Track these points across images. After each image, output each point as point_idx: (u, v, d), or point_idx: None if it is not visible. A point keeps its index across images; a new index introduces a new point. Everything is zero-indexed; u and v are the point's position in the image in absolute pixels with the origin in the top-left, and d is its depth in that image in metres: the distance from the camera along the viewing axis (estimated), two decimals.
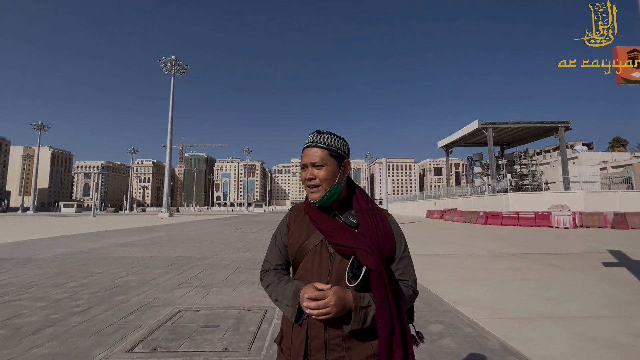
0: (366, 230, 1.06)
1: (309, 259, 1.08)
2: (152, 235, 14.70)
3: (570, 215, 18.77)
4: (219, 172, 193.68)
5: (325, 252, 1.07)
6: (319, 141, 1.10)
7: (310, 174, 1.08)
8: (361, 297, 0.98)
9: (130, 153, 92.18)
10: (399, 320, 0.97)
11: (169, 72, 45.29)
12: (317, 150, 1.09)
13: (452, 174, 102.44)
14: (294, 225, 1.16)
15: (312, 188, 1.09)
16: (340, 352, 1.00)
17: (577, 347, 2.98)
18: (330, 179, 1.08)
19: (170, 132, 44.43)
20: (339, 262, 1.04)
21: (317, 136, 1.12)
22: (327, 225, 1.07)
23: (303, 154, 1.12)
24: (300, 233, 1.13)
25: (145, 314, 3.93)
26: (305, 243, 1.10)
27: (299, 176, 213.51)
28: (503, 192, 25.71)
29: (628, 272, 6.28)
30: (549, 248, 9.99)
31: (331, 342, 1.01)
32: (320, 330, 1.02)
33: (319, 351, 1.01)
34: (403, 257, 1.11)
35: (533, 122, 31.13)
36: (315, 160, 1.08)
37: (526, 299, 4.53)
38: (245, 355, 2.82)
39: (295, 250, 1.12)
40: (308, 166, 1.09)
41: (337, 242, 1.03)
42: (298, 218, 1.17)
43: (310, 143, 1.11)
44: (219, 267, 7.06)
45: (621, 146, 74.17)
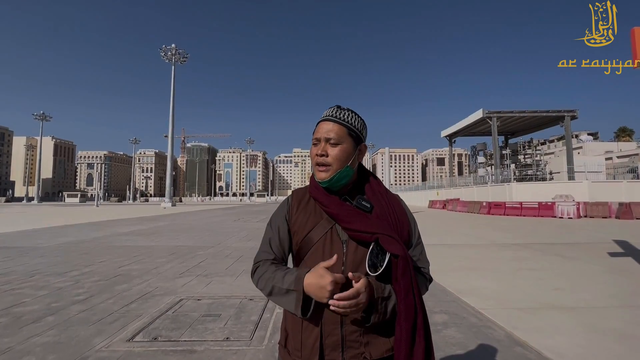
0: (381, 214, 0.97)
1: (317, 248, 0.97)
2: (154, 225, 14.75)
3: (575, 205, 18.61)
4: (221, 162, 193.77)
5: (336, 239, 0.96)
6: (338, 116, 0.99)
7: (323, 149, 0.97)
8: (382, 287, 0.89)
9: (132, 143, 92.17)
10: (422, 310, 0.89)
11: (169, 61, 44.83)
12: (335, 125, 0.98)
13: (454, 164, 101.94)
14: (299, 211, 1.03)
15: (321, 166, 0.97)
16: (359, 348, 0.91)
17: (585, 338, 2.92)
18: (344, 160, 0.97)
19: (171, 122, 44.25)
20: (354, 250, 0.94)
21: (337, 111, 1.00)
22: (340, 209, 0.96)
23: (317, 128, 1.01)
24: (307, 219, 1.00)
25: (147, 303, 3.90)
26: (313, 230, 0.98)
27: (300, 166, 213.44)
28: (506, 182, 25.52)
29: (634, 263, 6.19)
30: (553, 238, 9.91)
31: (348, 339, 0.91)
32: (336, 326, 0.91)
33: (335, 349, 0.91)
34: (418, 244, 1.04)
35: (539, 111, 30.63)
36: (331, 136, 0.97)
37: (532, 289, 4.46)
38: (246, 345, 2.78)
39: (301, 238, 0.99)
40: (321, 141, 0.98)
41: (355, 228, 0.93)
42: (302, 202, 1.05)
43: (327, 117, 1.00)
44: (221, 256, 7.04)
45: (627, 136, 73.24)
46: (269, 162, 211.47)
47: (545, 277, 5.10)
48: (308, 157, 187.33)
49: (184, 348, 2.72)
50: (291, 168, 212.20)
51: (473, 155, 44.48)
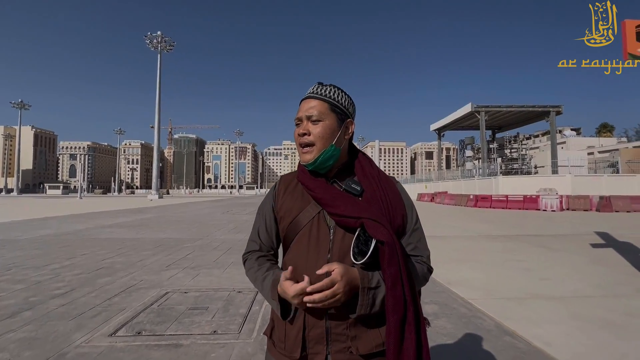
0: (372, 198, 0.89)
1: (304, 234, 0.90)
2: (140, 217, 14.41)
3: (558, 198, 19.12)
4: (209, 154, 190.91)
5: (323, 225, 0.89)
6: (320, 92, 0.93)
7: (304, 128, 0.91)
8: (369, 276, 0.81)
9: (117, 134, 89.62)
10: (412, 302, 0.81)
11: (155, 49, 43.44)
12: (316, 102, 0.91)
13: (443, 158, 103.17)
14: (285, 196, 0.98)
15: (305, 147, 0.91)
16: (345, 342, 0.85)
17: (572, 327, 2.96)
18: (327, 138, 0.90)
19: (158, 112, 43.12)
20: (342, 237, 0.87)
21: (319, 87, 0.94)
22: (325, 193, 0.89)
23: (299, 108, 0.95)
24: (293, 204, 0.95)
25: (131, 296, 3.77)
26: (299, 216, 0.92)
27: (290, 159, 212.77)
28: (493, 176, 25.99)
29: (616, 253, 6.37)
30: (538, 230, 10.13)
31: (333, 332, 0.85)
32: (321, 318, 0.85)
33: (319, 342, 0.85)
34: (415, 230, 0.95)
35: (525, 106, 31.17)
36: (312, 114, 0.90)
37: (520, 280, 4.53)
38: (235, 338, 2.71)
39: (286, 224, 0.94)
40: (303, 120, 0.92)
41: (339, 212, 0.85)
42: (289, 188, 1.00)
43: (309, 94, 0.94)
44: (209, 248, 6.91)
45: (608, 132, 75.55)
46: (258, 154, 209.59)
47: (532, 268, 5.18)
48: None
49: (170, 342, 2.62)
50: (281, 160, 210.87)
51: (461, 149, 45.10)
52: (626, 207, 17.88)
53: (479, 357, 2.44)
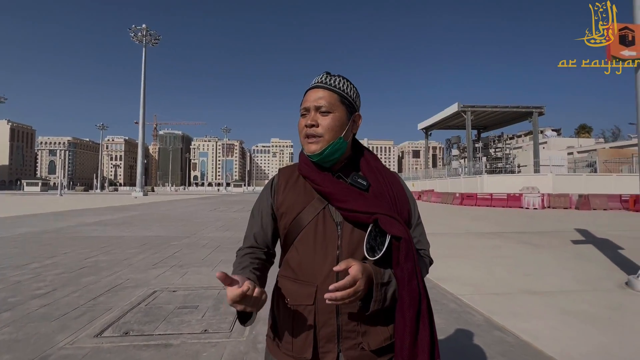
0: (379, 192, 0.88)
1: (309, 231, 0.86)
2: (125, 215, 14.04)
3: (540, 196, 19.70)
4: (196, 151, 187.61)
5: (330, 221, 0.86)
6: (329, 83, 0.89)
7: (312, 119, 0.86)
8: (381, 272, 0.80)
9: (99, 129, 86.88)
10: (425, 296, 0.82)
11: (139, 42, 42.29)
12: (325, 92, 0.87)
13: (429, 157, 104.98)
14: (286, 191, 0.93)
15: (311, 138, 0.87)
16: (356, 338, 0.83)
17: (557, 321, 3.05)
18: (336, 131, 0.86)
19: (142, 108, 42.07)
20: (350, 233, 0.85)
21: (327, 77, 0.90)
22: (334, 187, 0.86)
23: (305, 97, 0.90)
24: (295, 199, 0.90)
25: (117, 296, 3.66)
26: (303, 212, 0.88)
27: (278, 157, 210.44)
28: (478, 174, 26.57)
29: (595, 249, 6.61)
30: (522, 227, 10.41)
31: (344, 329, 0.83)
32: (332, 316, 0.82)
33: (331, 341, 0.83)
34: (418, 224, 0.96)
35: (509, 106, 31.96)
36: (321, 104, 0.86)
37: (506, 275, 4.64)
38: (226, 337, 2.66)
39: (289, 221, 0.89)
40: (310, 111, 0.88)
41: (351, 208, 0.83)
42: (290, 182, 0.94)
43: (317, 84, 0.89)
44: (196, 246, 6.79)
45: (586, 133, 78.27)
46: (246, 151, 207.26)
47: (518, 264, 5.32)
48: (286, 147, 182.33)
49: (159, 342, 2.56)
50: (269, 158, 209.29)
51: (447, 148, 45.86)
52: (603, 205, 18.59)
53: (470, 351, 2.48)
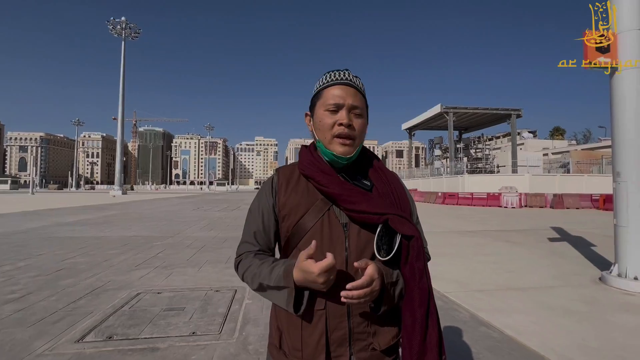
0: (383, 193, 0.88)
1: (315, 233, 0.84)
2: (103, 214, 13.54)
3: (517, 196, 20.43)
4: (177, 149, 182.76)
5: (335, 222, 0.85)
6: (358, 84, 0.88)
7: (349, 119, 0.84)
8: (391, 272, 0.81)
9: (75, 125, 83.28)
10: (432, 294, 0.83)
11: (118, 36, 40.75)
12: (358, 94, 0.86)
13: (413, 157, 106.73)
14: (288, 192, 0.89)
15: (345, 139, 0.84)
16: (366, 339, 0.83)
17: (538, 316, 3.17)
18: (364, 136, 0.89)
19: (121, 103, 40.61)
20: (357, 234, 0.84)
21: (354, 78, 0.88)
22: (342, 189, 0.84)
23: (333, 91, 0.85)
24: (299, 201, 0.87)
25: (98, 299, 3.53)
26: (308, 213, 0.85)
27: (263, 155, 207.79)
28: (460, 174, 27.25)
29: (570, 246, 6.93)
30: (501, 226, 10.77)
31: (356, 331, 0.82)
32: (343, 319, 0.81)
33: (342, 344, 0.82)
34: (417, 223, 0.96)
35: (489, 108, 32.96)
36: (357, 104, 0.85)
37: (489, 273, 4.78)
38: (215, 339, 2.62)
39: (293, 223, 0.86)
40: (344, 109, 0.84)
41: (361, 209, 0.82)
42: (291, 182, 0.90)
43: (347, 81, 0.86)
44: (181, 246, 6.63)
45: (560, 135, 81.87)
46: (229, 149, 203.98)
47: (499, 261, 5.50)
48: (271, 146, 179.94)
49: (145, 346, 2.48)
50: (253, 156, 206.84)
51: (430, 148, 46.80)
52: (575, 204, 19.52)
53: (459, 347, 2.54)
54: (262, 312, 3.18)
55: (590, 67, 4.11)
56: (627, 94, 4.16)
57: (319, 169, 0.88)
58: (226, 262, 5.26)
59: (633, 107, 4.13)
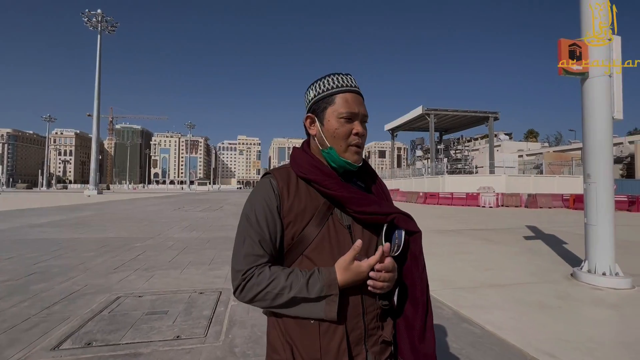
0: (376, 193, 0.94)
1: (323, 238, 0.83)
2: (78, 215, 12.97)
3: (494, 196, 21.19)
4: (156, 147, 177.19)
5: (339, 225, 0.85)
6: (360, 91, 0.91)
7: (364, 129, 0.88)
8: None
9: (45, 121, 79.22)
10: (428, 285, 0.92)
11: (94, 29, 39.09)
12: (363, 102, 0.90)
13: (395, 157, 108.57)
14: (291, 196, 0.84)
15: (359, 148, 0.88)
16: (377, 333, 0.86)
17: (515, 311, 3.31)
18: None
19: (97, 99, 39.00)
20: (361, 234, 0.86)
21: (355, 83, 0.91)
22: (348, 192, 0.85)
23: (344, 99, 0.86)
24: (305, 206, 0.84)
25: (74, 304, 3.38)
26: (314, 218, 0.84)
27: (246, 154, 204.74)
28: (440, 175, 27.95)
29: (543, 244, 7.26)
30: (480, 225, 11.14)
31: (369, 327, 0.85)
32: (359, 319, 0.83)
33: (359, 343, 0.83)
34: None
35: (468, 111, 34.00)
36: (366, 114, 0.88)
37: (469, 270, 4.94)
38: (201, 342, 2.57)
39: (299, 230, 0.83)
40: (357, 118, 0.87)
41: (369, 211, 0.84)
42: (291, 186, 0.86)
43: (356, 89, 0.89)
44: (162, 247, 6.45)
45: (534, 137, 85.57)
46: (211, 148, 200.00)
47: (478, 259, 5.69)
48: (254, 145, 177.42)
49: (127, 352, 2.40)
50: (235, 156, 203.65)
51: (412, 149, 47.77)
52: (548, 203, 20.45)
53: (442, 343, 2.61)
54: (248, 313, 3.15)
55: (564, 74, 4.32)
56: (597, 101, 4.40)
57: (322, 172, 0.86)
58: (210, 264, 5.17)
59: (602, 113, 4.38)
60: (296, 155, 0.92)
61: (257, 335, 2.71)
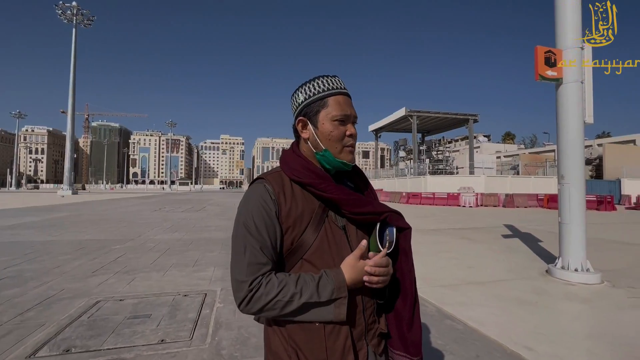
0: (367, 194, 0.98)
1: (322, 240, 0.84)
2: (51, 216, 12.39)
3: (474, 195, 21.85)
4: (136, 146, 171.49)
5: (334, 226, 0.87)
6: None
7: (354, 131, 0.90)
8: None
9: (15, 118, 75.18)
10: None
11: (69, 22, 37.45)
12: (352, 103, 0.92)
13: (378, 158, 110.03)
14: (288, 201, 0.84)
15: (353, 148, 0.91)
16: (374, 326, 0.91)
17: (496, 307, 3.44)
18: None
19: (72, 95, 37.36)
20: (355, 234, 0.89)
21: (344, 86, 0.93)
22: (344, 193, 0.87)
23: (336, 102, 0.87)
24: (302, 210, 0.84)
25: (50, 309, 3.24)
26: (312, 222, 0.85)
27: (229, 154, 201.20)
28: (422, 175, 28.54)
29: (520, 242, 7.56)
30: (461, 224, 11.46)
31: (368, 321, 0.89)
32: (360, 315, 0.87)
33: (361, 338, 0.87)
34: None
35: (449, 113, 34.94)
36: (356, 115, 0.91)
37: (451, 268, 5.08)
38: (187, 346, 2.52)
39: (298, 234, 0.83)
40: (350, 120, 0.89)
41: (365, 211, 0.87)
42: (286, 190, 0.85)
43: (346, 91, 0.91)
44: (143, 249, 6.27)
45: (511, 139, 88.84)
46: (193, 147, 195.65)
47: (460, 257, 5.86)
48: (237, 145, 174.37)
49: (109, 357, 2.33)
50: (218, 155, 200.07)
51: (395, 150, 48.54)
52: (524, 203, 21.29)
53: (427, 339, 2.68)
54: (234, 315, 3.12)
55: (540, 79, 4.52)
56: (570, 106, 4.63)
57: (316, 175, 0.86)
58: (194, 266, 5.07)
59: (575, 117, 4.61)
60: (288, 158, 0.91)
61: (244, 336, 2.69)
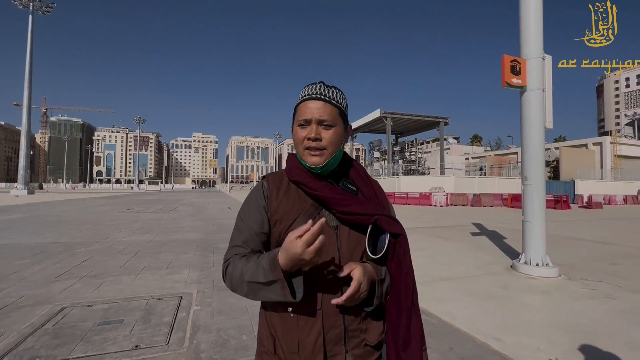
0: (368, 196, 0.95)
1: None
2: (4, 218, 11.44)
3: (445, 195, 22.76)
4: (100, 143, 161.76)
5: (326, 226, 0.87)
6: (329, 95, 0.90)
7: (316, 133, 0.87)
8: (379, 269, 0.88)
9: None
10: (416, 288, 0.91)
11: (24, 8, 34.69)
12: (327, 106, 0.88)
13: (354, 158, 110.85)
14: (279, 197, 0.91)
15: (315, 151, 0.88)
16: (359, 336, 0.88)
17: (466, 302, 3.63)
18: (338, 144, 0.90)
19: (28, 87, 34.63)
20: (347, 235, 0.89)
21: (326, 89, 0.91)
22: (333, 193, 0.89)
23: (303, 108, 0.89)
24: (291, 207, 0.90)
25: (9, 318, 3.01)
26: (300, 218, 0.88)
27: (201, 152, 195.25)
28: (396, 175, 29.32)
29: (487, 239, 7.99)
30: (432, 222, 11.90)
31: (350, 328, 0.86)
32: (338, 317, 0.85)
33: (338, 342, 0.85)
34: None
35: (422, 115, 36.12)
36: (325, 118, 0.87)
37: (425, 266, 5.27)
38: (163, 351, 2.45)
39: (285, 228, 0.88)
40: (312, 123, 0.88)
41: (353, 211, 0.87)
42: (281, 187, 0.92)
43: (317, 95, 0.89)
44: (111, 252, 5.97)
45: (478, 142, 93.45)
46: (163, 145, 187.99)
47: (433, 255, 6.10)
48: (210, 143, 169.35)
49: None
50: (190, 154, 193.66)
51: (370, 150, 49.45)
52: (490, 202, 22.48)
53: None
54: (212, 318, 3.06)
55: (506, 86, 4.81)
56: (533, 112, 4.97)
57: (307, 175, 0.91)
58: (167, 268, 4.90)
59: (538, 123, 4.95)
60: (288, 159, 0.97)
61: (223, 339, 2.65)
